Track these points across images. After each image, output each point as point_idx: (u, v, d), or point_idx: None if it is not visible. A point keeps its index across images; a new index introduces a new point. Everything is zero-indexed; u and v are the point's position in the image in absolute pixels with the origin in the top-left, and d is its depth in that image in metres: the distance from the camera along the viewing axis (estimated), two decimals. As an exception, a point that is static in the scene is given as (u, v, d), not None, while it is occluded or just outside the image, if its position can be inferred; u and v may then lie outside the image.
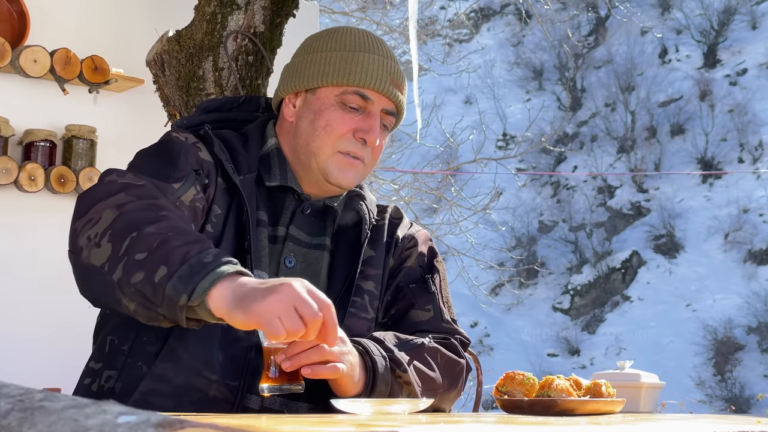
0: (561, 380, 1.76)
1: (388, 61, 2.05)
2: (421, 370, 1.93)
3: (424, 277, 2.11)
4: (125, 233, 1.64)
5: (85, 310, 3.93)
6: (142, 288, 1.57)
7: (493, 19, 37.39)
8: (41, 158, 3.84)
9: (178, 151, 1.93)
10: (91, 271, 1.66)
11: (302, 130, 2.02)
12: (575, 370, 26.32)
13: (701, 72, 33.73)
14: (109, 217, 1.68)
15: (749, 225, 29.57)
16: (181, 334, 1.81)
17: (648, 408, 2.29)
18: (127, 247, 1.62)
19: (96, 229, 1.67)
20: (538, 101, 32.92)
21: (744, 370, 26.41)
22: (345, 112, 2.00)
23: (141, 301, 1.59)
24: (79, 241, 1.70)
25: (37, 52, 3.78)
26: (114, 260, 1.62)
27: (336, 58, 2.02)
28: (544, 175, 33.16)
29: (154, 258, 1.58)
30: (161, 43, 3.45)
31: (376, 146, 2.02)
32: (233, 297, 1.53)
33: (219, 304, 1.53)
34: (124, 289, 1.60)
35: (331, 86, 2.01)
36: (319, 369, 1.69)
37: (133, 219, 1.66)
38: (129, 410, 0.66)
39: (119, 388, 1.85)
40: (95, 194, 1.75)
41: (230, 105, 2.18)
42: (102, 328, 1.98)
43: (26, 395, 0.71)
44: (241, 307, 1.52)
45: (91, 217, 1.70)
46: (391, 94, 2.03)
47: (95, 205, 1.72)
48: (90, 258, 1.66)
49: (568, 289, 30.43)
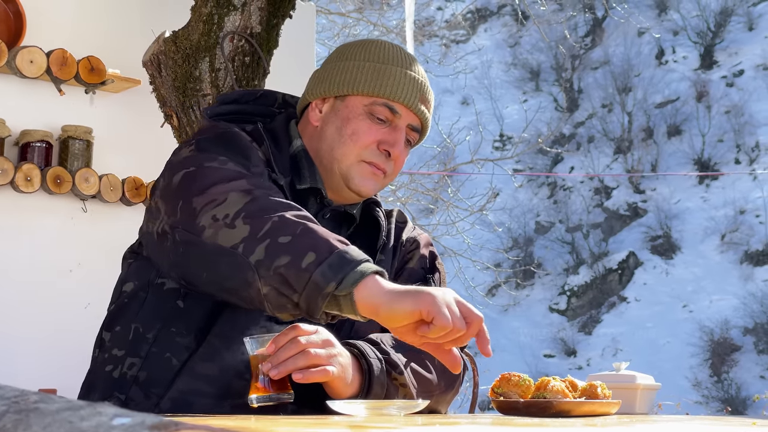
0: (556, 382, 1.76)
1: (419, 78, 2.07)
2: (418, 372, 1.93)
3: (426, 277, 2.13)
4: (264, 216, 1.62)
5: (81, 311, 3.95)
6: (286, 272, 1.56)
7: (490, 20, 37.40)
8: (37, 159, 3.83)
9: (248, 146, 1.92)
10: (217, 251, 1.64)
11: (328, 136, 2.04)
12: (572, 371, 26.34)
13: (698, 73, 33.75)
14: (239, 200, 1.66)
15: (746, 226, 29.60)
16: (223, 333, 1.80)
17: (644, 409, 2.29)
18: (268, 230, 1.60)
19: (225, 210, 1.65)
20: (535, 102, 32.93)
21: (740, 371, 26.43)
22: (372, 123, 2.01)
23: (278, 286, 1.57)
24: (200, 219, 1.67)
25: (33, 52, 3.78)
26: (251, 241, 1.60)
27: (369, 68, 2.04)
28: (541, 176, 33.17)
29: (300, 243, 1.57)
30: (158, 43, 3.45)
31: (398, 161, 2.04)
32: (388, 290, 1.54)
33: (371, 294, 1.54)
34: (261, 271, 1.58)
35: (361, 95, 2.03)
36: (309, 373, 1.69)
37: (268, 203, 1.65)
38: (124, 412, 0.66)
39: (143, 377, 1.85)
40: (210, 177, 1.73)
41: (248, 98, 2.18)
42: (121, 316, 1.95)
43: (21, 397, 0.71)
44: (407, 296, 1.53)
45: (214, 197, 1.68)
46: (419, 110, 2.05)
47: (214, 186, 1.70)
48: (217, 238, 1.64)
49: (565, 290, 30.44)
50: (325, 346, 1.74)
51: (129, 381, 1.86)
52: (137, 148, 4.10)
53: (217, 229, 1.64)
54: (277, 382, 1.69)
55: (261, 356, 1.70)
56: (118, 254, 3.91)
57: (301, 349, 1.69)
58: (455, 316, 1.54)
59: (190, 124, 3.38)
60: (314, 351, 1.71)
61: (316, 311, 1.56)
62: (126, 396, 1.86)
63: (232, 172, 1.75)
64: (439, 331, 1.53)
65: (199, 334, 1.85)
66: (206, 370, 1.81)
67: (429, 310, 1.52)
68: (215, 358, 1.81)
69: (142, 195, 4.04)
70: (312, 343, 1.72)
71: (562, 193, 33.13)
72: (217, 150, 1.86)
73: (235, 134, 1.94)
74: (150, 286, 1.94)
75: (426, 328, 1.54)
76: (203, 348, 1.83)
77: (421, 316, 1.53)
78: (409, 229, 2.19)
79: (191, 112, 3.38)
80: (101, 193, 3.94)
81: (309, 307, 1.56)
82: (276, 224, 1.60)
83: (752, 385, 25.41)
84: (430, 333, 1.54)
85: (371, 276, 1.56)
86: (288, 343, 1.70)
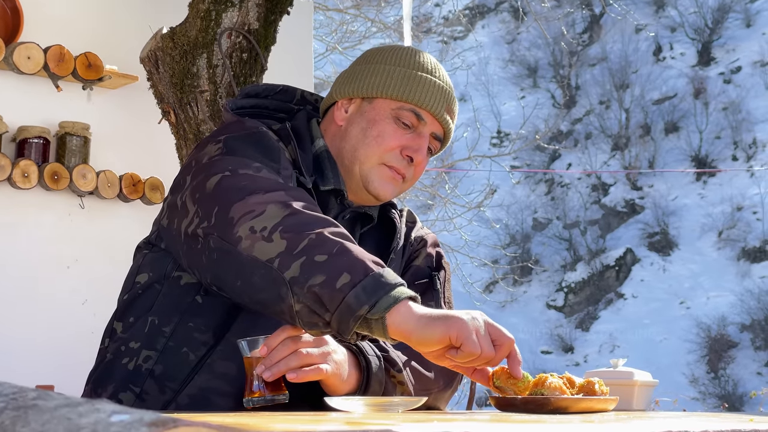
0: (554, 378, 1.76)
1: (447, 87, 2.08)
2: (417, 370, 1.93)
3: (431, 274, 2.13)
4: (302, 232, 1.62)
5: (78, 307, 3.96)
6: (320, 291, 1.56)
7: (488, 16, 37.41)
8: (35, 155, 3.83)
9: (276, 147, 1.91)
10: (252, 263, 1.63)
11: (352, 136, 2.04)
12: (569, 367, 26.37)
13: (695, 70, 33.79)
14: (278, 213, 1.65)
15: (743, 223, 29.64)
16: (243, 332, 1.80)
17: (641, 406, 2.30)
18: (305, 247, 1.59)
19: (263, 222, 1.64)
20: (532, 99, 32.94)
21: (737, 368, 26.48)
22: (398, 128, 2.02)
23: (311, 304, 1.57)
24: (238, 230, 1.66)
25: (30, 48, 3.77)
26: (288, 257, 1.59)
27: (399, 73, 2.05)
28: (539, 172, 33.20)
29: (336, 263, 1.57)
30: (155, 40, 3.45)
31: (418, 168, 2.05)
32: (420, 315, 1.57)
33: (403, 320, 1.56)
34: (295, 288, 1.58)
35: (389, 99, 2.04)
36: (303, 372, 1.69)
37: (306, 219, 1.65)
38: (122, 409, 0.66)
39: (159, 371, 1.85)
40: (248, 185, 1.72)
41: (267, 92, 2.17)
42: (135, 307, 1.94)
43: (19, 394, 0.71)
44: (437, 322, 1.56)
45: (252, 208, 1.67)
46: (444, 119, 2.06)
47: (252, 196, 1.69)
48: (253, 250, 1.63)
49: (562, 286, 30.48)
50: (317, 344, 1.74)
51: (144, 374, 1.86)
52: (135, 144, 4.10)
53: (254, 241, 1.63)
54: (271, 383, 1.69)
55: (255, 358, 1.70)
56: (115, 250, 3.93)
57: (293, 350, 1.69)
58: (483, 342, 1.58)
59: (187, 120, 3.38)
60: (306, 350, 1.70)
61: (346, 332, 1.57)
62: (141, 389, 1.86)
63: (269, 181, 1.75)
64: (467, 357, 1.57)
65: (218, 331, 1.85)
66: (226, 369, 1.81)
67: (458, 336, 1.56)
68: (234, 357, 1.81)
69: (139, 191, 4.04)
70: (304, 343, 1.72)
71: (560, 189, 33.16)
72: (247, 152, 1.85)
73: (263, 135, 1.93)
74: (166, 278, 1.93)
75: (455, 352, 1.58)
76: (222, 346, 1.83)
77: (450, 342, 1.57)
78: (417, 228, 2.20)
79: (189, 108, 3.38)
80: (98, 190, 3.94)
81: (340, 327, 1.57)
82: (313, 241, 1.60)
83: (749, 381, 25.46)
84: (458, 358, 1.58)
85: (404, 301, 1.57)
86: (280, 345, 1.70)
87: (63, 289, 3.89)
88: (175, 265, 1.92)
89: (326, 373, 1.72)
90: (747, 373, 26.16)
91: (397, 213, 2.15)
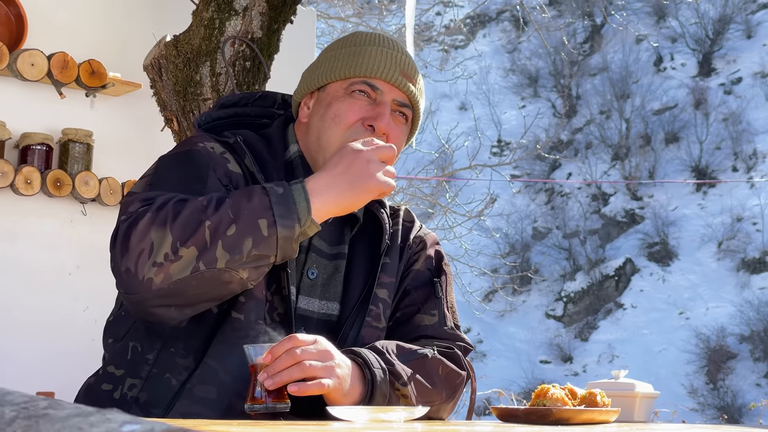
0: (556, 389, 1.76)
1: (397, 53, 2.03)
2: (422, 383, 1.91)
3: (432, 280, 2.09)
4: (195, 228, 1.67)
5: (79, 314, 3.95)
6: (257, 249, 1.67)
7: (489, 25, 37.43)
8: (37, 162, 3.84)
9: (206, 164, 1.89)
10: (180, 283, 1.67)
11: (313, 126, 2.02)
12: (568, 377, 26.33)
13: (696, 80, 33.80)
14: (163, 234, 1.67)
15: (743, 233, 29.62)
16: (219, 355, 1.79)
17: (642, 417, 2.30)
18: (211, 235, 1.67)
19: (160, 251, 1.67)
20: (533, 108, 32.94)
21: (736, 379, 26.44)
22: (354, 101, 1.99)
23: (255, 263, 1.69)
24: (144, 274, 1.68)
25: (34, 55, 3.78)
26: (207, 253, 1.66)
27: (344, 53, 2.04)
28: (539, 182, 33.19)
29: (245, 223, 1.67)
30: (159, 47, 3.45)
31: (391, 136, 1.98)
32: (329, 185, 1.75)
33: (324, 206, 1.73)
34: (234, 266, 1.67)
35: (339, 80, 2.01)
36: (305, 386, 1.68)
37: (187, 215, 1.69)
38: (133, 419, 0.66)
39: (144, 399, 1.83)
40: (125, 230, 1.72)
41: (246, 100, 2.16)
42: (117, 332, 1.93)
43: (30, 403, 0.72)
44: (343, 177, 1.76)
45: (141, 248, 1.68)
46: (401, 83, 2.00)
47: (130, 239, 1.69)
48: (172, 275, 1.67)
49: (562, 296, 30.44)
50: (321, 357, 1.72)
51: (130, 402, 1.84)
52: (137, 151, 4.11)
53: (165, 269, 1.67)
54: (273, 392, 1.69)
55: (260, 365, 1.70)
56: (117, 257, 3.93)
57: (296, 361, 1.68)
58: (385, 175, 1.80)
59: (190, 128, 3.39)
60: (309, 363, 1.69)
61: (293, 254, 1.72)
62: None
63: (138, 212, 1.73)
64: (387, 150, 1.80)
65: (197, 354, 1.83)
66: (204, 393, 1.80)
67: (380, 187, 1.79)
68: (213, 381, 1.80)
69: (141, 198, 4.04)
70: (308, 354, 1.70)
71: (560, 199, 33.15)
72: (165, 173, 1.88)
73: (193, 153, 1.91)
74: None
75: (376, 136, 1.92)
76: (200, 370, 1.81)
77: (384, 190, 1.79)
78: (416, 228, 2.15)
79: (191, 116, 3.38)
80: (101, 197, 3.94)
81: (285, 257, 1.72)
82: (212, 226, 1.67)
83: (748, 392, 25.42)
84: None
85: (309, 190, 1.73)
86: (284, 354, 1.69)
87: (64, 295, 3.90)
88: None
89: (328, 388, 1.70)
90: (746, 385, 26.12)
91: (386, 211, 2.08)
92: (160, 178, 1.87)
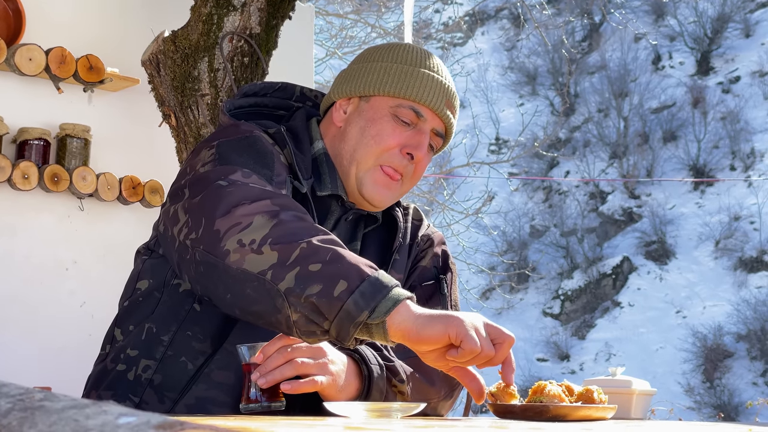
0: (553, 386, 1.76)
1: (445, 82, 2.04)
2: (420, 381, 1.92)
3: (438, 277, 2.10)
4: (292, 242, 1.59)
5: (76, 309, 3.95)
6: (317, 300, 1.53)
7: (488, 23, 37.44)
8: (35, 157, 3.83)
9: (270, 152, 1.88)
10: (243, 276, 1.60)
11: (350, 137, 2.01)
12: (565, 375, 26.36)
13: (694, 79, 33.82)
14: (265, 224, 1.62)
15: (740, 232, 29.65)
16: (239, 341, 1.78)
17: (639, 414, 2.30)
18: (297, 257, 1.57)
19: (250, 235, 1.62)
20: (531, 106, 32.96)
21: (733, 378, 26.47)
22: (397, 125, 1.98)
23: (308, 313, 1.55)
24: (225, 243, 1.63)
25: (32, 50, 3.78)
26: (280, 269, 1.57)
27: (396, 69, 2.01)
28: (537, 179, 33.21)
29: (330, 271, 1.54)
30: (157, 43, 3.45)
31: (419, 166, 2.01)
32: (418, 315, 1.54)
33: (403, 320, 1.53)
34: (291, 299, 1.55)
35: (386, 96, 2.00)
36: (298, 384, 1.68)
37: (294, 229, 1.62)
38: (129, 411, 0.66)
39: (158, 381, 1.84)
40: (234, 196, 1.69)
41: (266, 90, 2.15)
42: (134, 314, 1.93)
43: (26, 395, 0.72)
44: (436, 321, 1.53)
45: (239, 221, 1.64)
46: (444, 114, 2.01)
47: (238, 207, 1.66)
48: (243, 263, 1.60)
49: (559, 294, 30.47)
50: (313, 354, 1.72)
51: (144, 384, 1.85)
52: (135, 147, 4.10)
53: (243, 254, 1.61)
54: (268, 390, 1.69)
55: (253, 365, 1.70)
56: (114, 253, 3.93)
57: (288, 359, 1.68)
58: (483, 339, 1.54)
59: (188, 124, 3.39)
60: (302, 360, 1.69)
61: (346, 339, 1.55)
62: (140, 399, 1.85)
63: (256, 190, 1.71)
64: (467, 355, 1.53)
65: (215, 339, 1.84)
66: (223, 379, 1.80)
67: (457, 334, 1.52)
68: (231, 367, 1.80)
69: (139, 194, 4.04)
70: (300, 351, 1.70)
71: (557, 197, 33.17)
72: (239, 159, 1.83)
73: (256, 139, 1.90)
74: (165, 286, 1.92)
75: (455, 351, 1.54)
76: (219, 355, 1.82)
77: (449, 340, 1.53)
78: (424, 226, 2.17)
79: (189, 111, 3.38)
80: (98, 192, 3.94)
81: (339, 334, 1.55)
82: (305, 251, 1.57)
83: (744, 391, 25.46)
84: (458, 357, 1.54)
85: (403, 302, 1.55)
86: (276, 353, 1.69)
87: (61, 291, 3.89)
88: (173, 272, 1.91)
89: (321, 385, 1.70)
90: (743, 383, 26.15)
91: (401, 211, 2.11)
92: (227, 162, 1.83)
